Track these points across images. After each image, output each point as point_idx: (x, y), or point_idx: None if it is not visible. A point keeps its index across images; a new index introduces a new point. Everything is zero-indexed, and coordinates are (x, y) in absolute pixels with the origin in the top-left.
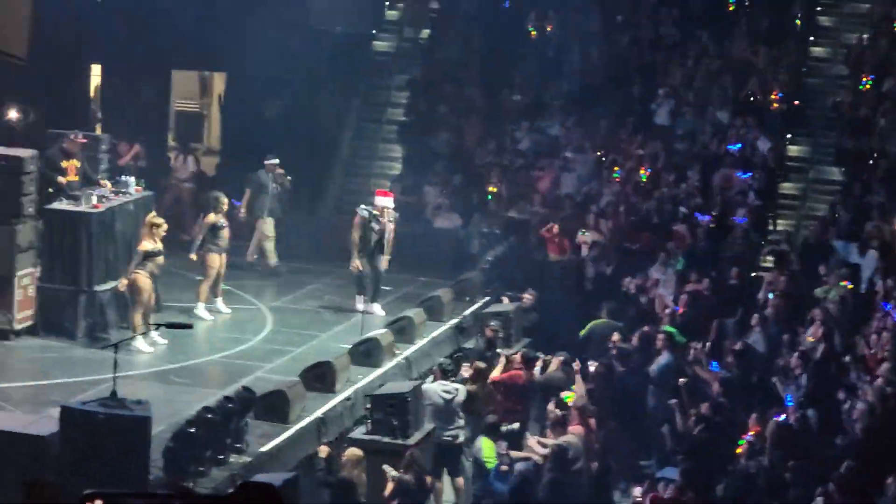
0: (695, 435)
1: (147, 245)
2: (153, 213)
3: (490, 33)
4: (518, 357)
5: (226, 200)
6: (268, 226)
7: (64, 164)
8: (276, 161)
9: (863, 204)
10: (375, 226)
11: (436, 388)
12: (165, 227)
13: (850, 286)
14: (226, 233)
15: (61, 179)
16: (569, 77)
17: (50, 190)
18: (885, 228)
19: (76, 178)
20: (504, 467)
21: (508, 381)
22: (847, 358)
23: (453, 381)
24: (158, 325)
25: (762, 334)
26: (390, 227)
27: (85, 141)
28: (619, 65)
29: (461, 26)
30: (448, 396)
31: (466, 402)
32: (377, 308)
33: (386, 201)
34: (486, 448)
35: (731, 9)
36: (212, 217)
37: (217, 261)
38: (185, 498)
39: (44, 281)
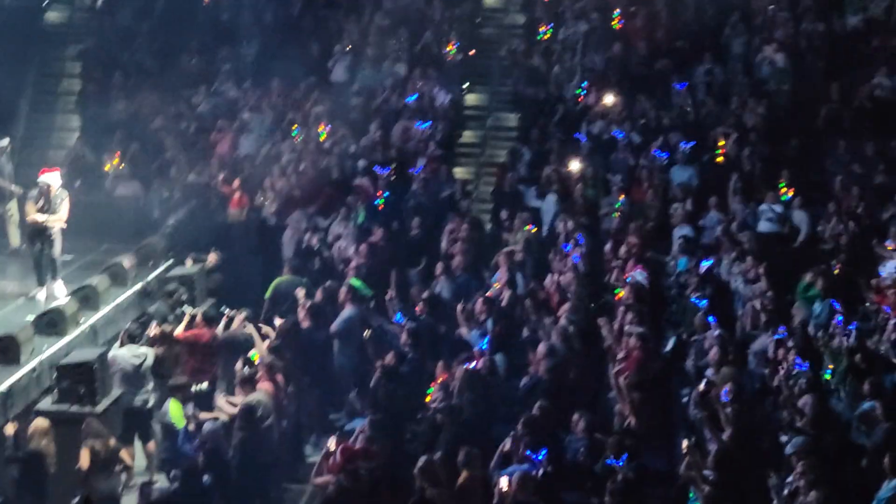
0: (381, 386)
1: None
2: None
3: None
4: (199, 315)
5: None
6: (10, 207)
7: None
8: (8, 140)
9: (540, 149)
10: (44, 204)
11: (124, 354)
12: None
13: (534, 230)
14: None
15: None
16: (245, 40)
17: None
18: (563, 172)
19: None
20: (191, 428)
21: (193, 339)
22: (531, 301)
23: (141, 346)
24: None
25: (448, 282)
26: (61, 205)
27: None
28: (293, 25)
29: None
30: (137, 361)
31: (155, 366)
32: (58, 288)
33: (50, 178)
34: (174, 410)
35: None
36: None
37: None
38: None
39: None
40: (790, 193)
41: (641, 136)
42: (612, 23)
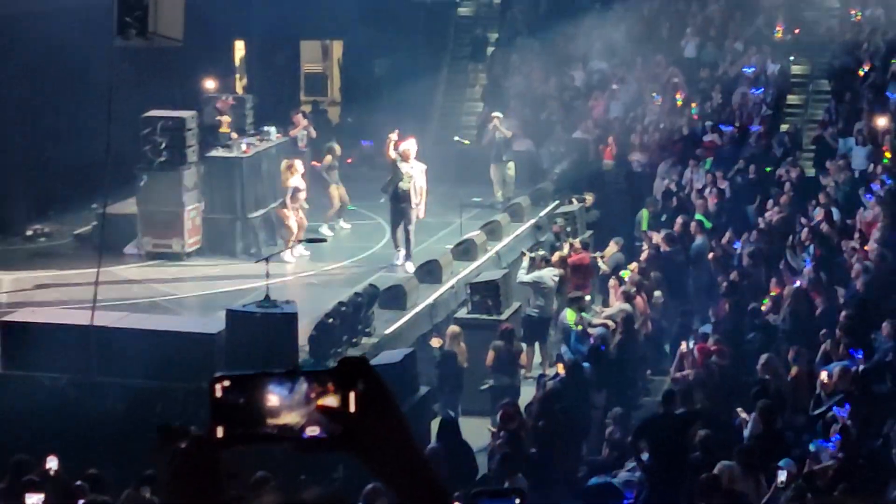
0: (726, 298)
1: (291, 182)
2: (289, 160)
3: None
4: (577, 244)
5: (337, 147)
6: (506, 170)
7: (218, 118)
8: (500, 115)
9: (852, 109)
10: (406, 173)
11: (548, 274)
12: (300, 168)
13: (848, 174)
14: (334, 173)
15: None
16: (613, 25)
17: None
18: (871, 125)
19: (229, 131)
20: (588, 330)
21: (578, 262)
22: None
23: (553, 268)
24: (300, 241)
25: (780, 215)
26: (419, 175)
27: (233, 102)
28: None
29: None
30: (556, 279)
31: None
32: (409, 266)
33: (407, 145)
34: (570, 316)
35: None
36: (328, 159)
37: (335, 191)
38: (293, 373)
39: (207, 212)
40: None
41: None
42: None
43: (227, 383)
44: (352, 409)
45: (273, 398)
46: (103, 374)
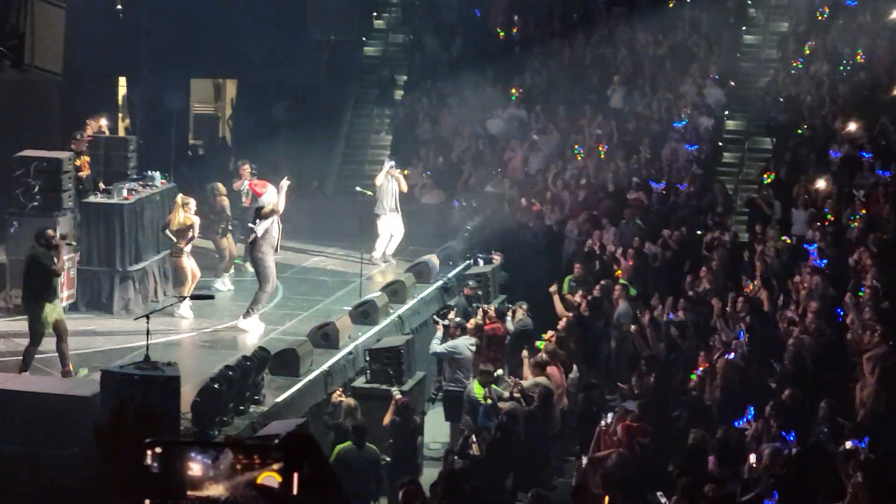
0: (651, 373)
1: (180, 218)
2: (185, 196)
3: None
4: (492, 311)
5: (223, 189)
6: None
7: (77, 161)
8: (393, 163)
9: (791, 167)
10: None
11: (464, 343)
12: (193, 207)
13: (787, 240)
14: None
15: (82, 174)
16: (533, 71)
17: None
18: (811, 188)
19: (88, 171)
20: (499, 404)
21: (491, 332)
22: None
23: (470, 337)
24: (184, 298)
25: (707, 282)
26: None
27: (89, 139)
28: (578, 59)
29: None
30: (473, 349)
31: None
32: (253, 323)
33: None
34: (477, 390)
35: (670, 4)
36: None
37: (224, 242)
38: (235, 445)
39: (83, 264)
40: None
41: (882, 156)
42: (857, 57)
43: (158, 450)
44: (294, 491)
45: (195, 467)
46: None
